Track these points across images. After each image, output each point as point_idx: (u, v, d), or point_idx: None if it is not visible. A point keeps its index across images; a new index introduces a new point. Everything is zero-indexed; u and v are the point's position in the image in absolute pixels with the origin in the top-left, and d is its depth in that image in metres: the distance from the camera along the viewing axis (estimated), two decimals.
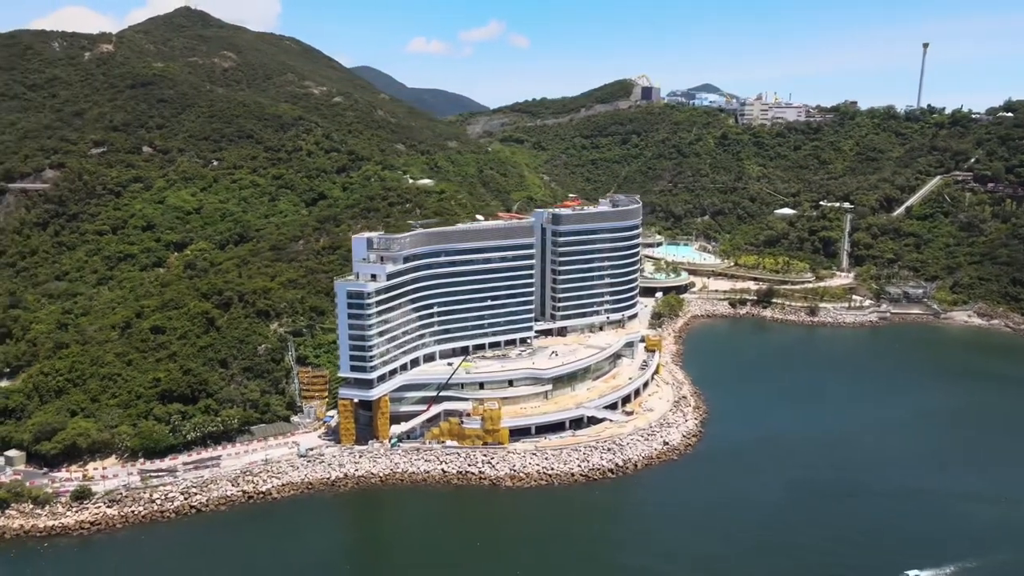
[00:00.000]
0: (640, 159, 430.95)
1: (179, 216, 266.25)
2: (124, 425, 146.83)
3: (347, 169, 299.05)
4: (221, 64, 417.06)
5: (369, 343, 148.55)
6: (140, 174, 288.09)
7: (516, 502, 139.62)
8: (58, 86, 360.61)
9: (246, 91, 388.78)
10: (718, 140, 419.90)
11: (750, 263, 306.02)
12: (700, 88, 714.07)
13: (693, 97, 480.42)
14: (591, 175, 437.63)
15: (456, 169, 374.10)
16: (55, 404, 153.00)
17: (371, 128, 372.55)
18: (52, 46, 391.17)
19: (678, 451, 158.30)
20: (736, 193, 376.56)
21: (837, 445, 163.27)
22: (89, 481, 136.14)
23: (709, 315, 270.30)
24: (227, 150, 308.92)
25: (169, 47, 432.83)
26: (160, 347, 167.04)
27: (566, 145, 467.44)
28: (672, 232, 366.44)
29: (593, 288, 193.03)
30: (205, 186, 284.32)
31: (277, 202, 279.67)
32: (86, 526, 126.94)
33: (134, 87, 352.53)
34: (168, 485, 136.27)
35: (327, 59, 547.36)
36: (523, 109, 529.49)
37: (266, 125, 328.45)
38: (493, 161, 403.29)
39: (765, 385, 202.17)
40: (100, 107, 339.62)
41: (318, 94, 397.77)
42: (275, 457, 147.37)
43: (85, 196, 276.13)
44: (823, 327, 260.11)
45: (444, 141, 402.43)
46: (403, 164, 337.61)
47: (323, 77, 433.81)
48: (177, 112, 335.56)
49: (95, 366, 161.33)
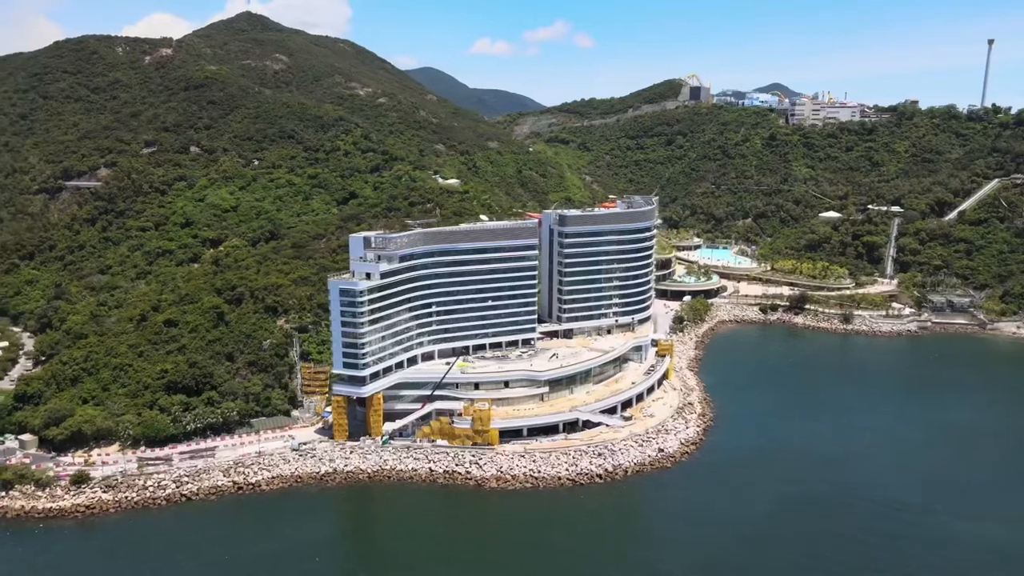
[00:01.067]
0: (684, 160, 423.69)
1: (216, 214, 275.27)
2: (129, 414, 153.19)
3: (380, 169, 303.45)
4: (272, 67, 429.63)
5: (361, 341, 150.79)
6: (185, 173, 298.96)
7: (497, 503, 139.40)
8: (119, 89, 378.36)
9: (294, 92, 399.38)
10: (765, 141, 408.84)
11: (787, 268, 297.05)
12: (769, 88, 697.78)
13: (743, 97, 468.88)
14: (634, 176, 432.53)
15: (495, 169, 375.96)
16: (70, 392, 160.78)
17: (412, 128, 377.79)
18: (116, 51, 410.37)
19: (673, 459, 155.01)
20: (780, 195, 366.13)
21: (844, 460, 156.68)
22: (90, 467, 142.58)
23: (737, 320, 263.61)
24: (268, 150, 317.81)
25: (225, 50, 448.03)
26: (171, 340, 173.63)
27: (611, 146, 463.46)
28: (712, 235, 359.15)
29: (600, 290, 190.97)
30: (244, 184, 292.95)
31: (310, 201, 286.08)
32: (81, 509, 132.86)
33: (187, 89, 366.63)
34: (163, 473, 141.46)
35: (380, 61, 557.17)
36: (571, 110, 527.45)
37: (307, 125, 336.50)
38: (533, 161, 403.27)
39: (782, 395, 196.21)
40: (155, 108, 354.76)
41: (363, 95, 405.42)
42: (269, 450, 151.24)
43: (132, 194, 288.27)
44: (857, 336, 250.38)
45: (485, 141, 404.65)
46: (440, 164, 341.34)
47: (370, 79, 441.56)
48: (225, 113, 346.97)
49: (109, 356, 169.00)
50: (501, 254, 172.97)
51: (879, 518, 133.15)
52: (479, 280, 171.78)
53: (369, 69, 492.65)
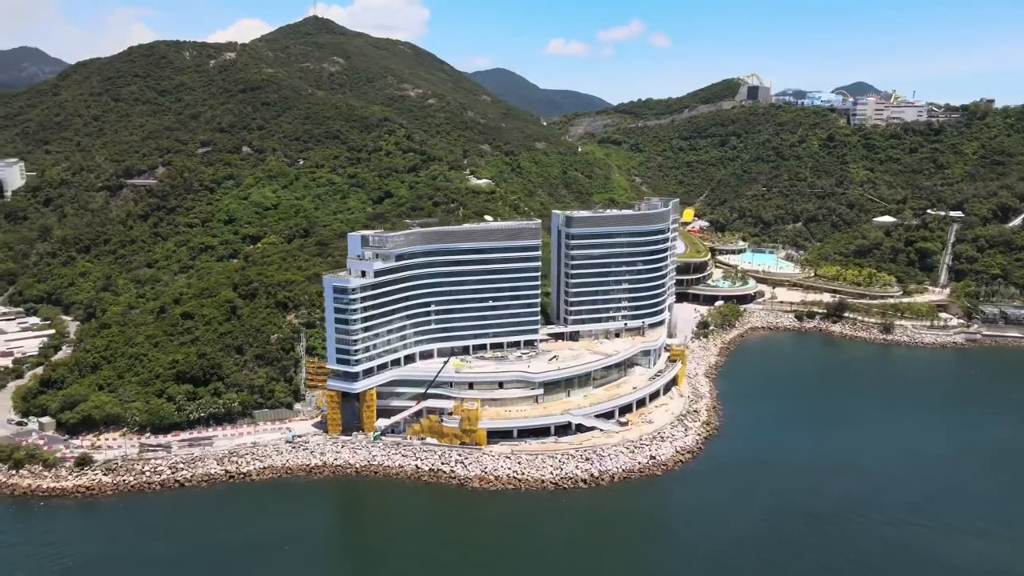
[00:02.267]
0: (737, 162, 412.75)
1: (257, 211, 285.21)
2: (139, 401, 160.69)
3: (417, 169, 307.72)
4: (329, 69, 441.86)
5: (353, 338, 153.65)
6: (233, 172, 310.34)
7: (475, 504, 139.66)
8: (184, 92, 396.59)
9: (347, 94, 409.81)
10: (823, 142, 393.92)
11: (830, 274, 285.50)
12: (853, 86, 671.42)
13: (804, 96, 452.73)
14: (684, 178, 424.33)
15: (539, 170, 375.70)
16: (89, 379, 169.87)
17: (459, 129, 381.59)
18: (184, 55, 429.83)
19: (665, 467, 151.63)
20: (833, 199, 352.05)
21: (848, 473, 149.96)
22: (96, 450, 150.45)
23: (771, 328, 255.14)
24: (313, 149, 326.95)
25: (286, 53, 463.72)
26: (186, 332, 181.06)
27: (663, 147, 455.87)
28: (759, 239, 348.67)
29: (608, 293, 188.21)
30: (287, 183, 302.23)
31: (348, 200, 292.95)
32: (82, 490, 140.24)
33: (244, 91, 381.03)
34: (160, 459, 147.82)
35: (439, 63, 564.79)
36: (627, 110, 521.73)
37: (353, 126, 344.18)
38: (579, 162, 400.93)
39: (800, 405, 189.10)
40: (213, 110, 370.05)
41: (413, 96, 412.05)
42: (264, 441, 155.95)
43: (184, 191, 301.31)
44: (897, 347, 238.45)
45: (532, 142, 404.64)
46: (480, 165, 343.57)
47: (423, 80, 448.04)
48: (277, 114, 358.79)
49: (127, 346, 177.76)
50: (501, 255, 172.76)
51: (864, 533, 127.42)
52: (478, 280, 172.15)
53: (426, 71, 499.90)
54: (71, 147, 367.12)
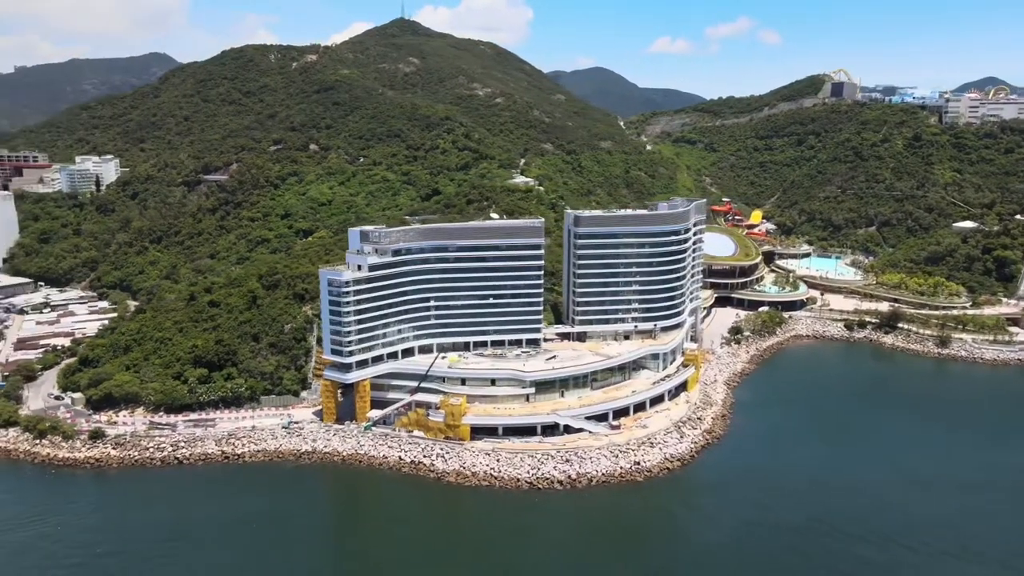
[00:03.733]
0: (813, 162, 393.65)
1: (313, 207, 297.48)
2: (156, 382, 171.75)
3: (468, 167, 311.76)
4: (404, 69, 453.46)
5: (346, 329, 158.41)
6: (298, 169, 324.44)
7: (446, 497, 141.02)
8: (266, 92, 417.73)
9: (418, 93, 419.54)
10: (908, 141, 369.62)
11: (893, 281, 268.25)
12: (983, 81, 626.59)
13: (893, 93, 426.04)
14: (756, 178, 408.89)
15: (600, 169, 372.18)
16: (120, 359, 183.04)
17: (522, 128, 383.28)
18: (269, 58, 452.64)
19: (649, 473, 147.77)
20: (912, 202, 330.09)
21: (846, 494, 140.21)
22: (111, 425, 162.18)
23: (816, 336, 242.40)
24: (374, 147, 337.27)
25: (366, 55, 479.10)
26: (210, 319, 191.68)
27: (737, 146, 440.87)
28: (826, 243, 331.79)
29: (617, 294, 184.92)
30: (344, 180, 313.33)
31: (398, 196, 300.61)
32: (91, 461, 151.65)
33: (318, 91, 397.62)
34: (164, 437, 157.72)
35: (519, 63, 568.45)
36: (706, 109, 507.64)
37: (414, 125, 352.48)
38: (644, 162, 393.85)
39: (820, 419, 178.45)
40: (288, 109, 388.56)
41: (482, 95, 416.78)
42: (262, 425, 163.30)
43: (251, 187, 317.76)
44: (953, 362, 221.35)
45: (598, 141, 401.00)
46: (539, 163, 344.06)
47: (495, 80, 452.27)
48: (346, 114, 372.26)
49: (155, 330, 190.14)
50: (501, 252, 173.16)
51: (840, 551, 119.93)
52: (478, 278, 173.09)
53: (502, 71, 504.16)
54: (162, 145, 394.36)
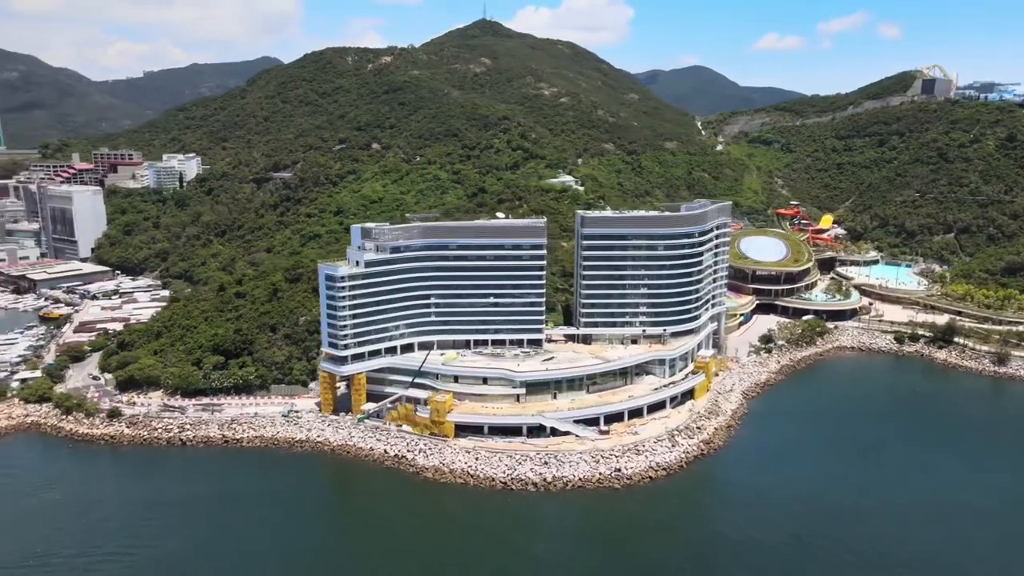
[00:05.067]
0: (893, 164, 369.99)
1: (364, 204, 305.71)
2: (176, 367, 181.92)
3: (518, 166, 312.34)
4: (474, 69, 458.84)
5: (341, 323, 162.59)
6: (356, 167, 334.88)
7: (416, 491, 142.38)
8: (340, 94, 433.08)
9: (485, 93, 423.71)
10: (1001, 142, 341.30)
11: (958, 292, 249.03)
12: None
13: (990, 89, 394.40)
14: (832, 181, 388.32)
15: (662, 170, 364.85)
16: (151, 344, 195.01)
17: (585, 127, 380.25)
18: (347, 60, 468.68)
19: (628, 481, 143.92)
20: (996, 207, 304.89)
21: (839, 520, 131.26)
22: (131, 406, 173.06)
23: (862, 348, 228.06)
24: (431, 147, 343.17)
25: (440, 56, 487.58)
26: (234, 309, 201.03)
27: (815, 147, 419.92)
28: (898, 250, 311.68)
29: (624, 297, 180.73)
30: (398, 178, 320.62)
31: (446, 194, 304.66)
32: (106, 438, 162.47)
33: (387, 92, 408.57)
34: (173, 420, 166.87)
35: (597, 61, 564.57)
36: (787, 108, 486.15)
37: (473, 124, 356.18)
38: (709, 163, 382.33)
39: (839, 436, 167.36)
40: (357, 110, 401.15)
41: (548, 95, 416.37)
42: (265, 413, 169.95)
43: (312, 184, 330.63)
44: (1011, 381, 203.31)
45: (663, 141, 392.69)
46: (595, 163, 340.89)
47: (564, 79, 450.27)
48: (409, 113, 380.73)
49: (184, 318, 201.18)
50: (501, 252, 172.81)
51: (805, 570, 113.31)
52: (479, 276, 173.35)
53: (575, 70, 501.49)
54: (241, 144, 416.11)
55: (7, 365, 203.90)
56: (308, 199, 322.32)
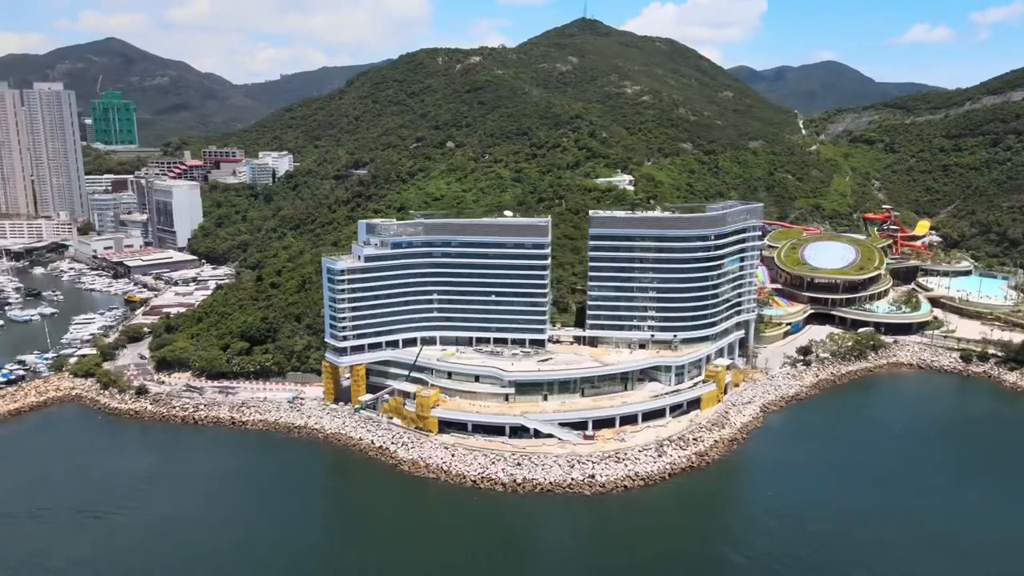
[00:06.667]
0: (1006, 166, 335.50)
1: (426, 201, 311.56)
2: (204, 351, 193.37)
3: (579, 164, 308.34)
4: (560, 68, 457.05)
5: (340, 315, 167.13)
6: (427, 165, 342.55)
7: (385, 483, 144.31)
8: (427, 94, 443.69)
9: (568, 92, 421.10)
10: None
11: None
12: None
13: None
14: (934, 183, 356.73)
15: (740, 170, 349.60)
16: (192, 328, 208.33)
17: (663, 127, 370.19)
18: (437, 61, 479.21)
19: (601, 488, 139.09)
20: None
21: (824, 548, 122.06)
22: (160, 384, 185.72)
23: (921, 366, 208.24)
24: (500, 146, 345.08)
25: (529, 55, 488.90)
26: (267, 298, 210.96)
27: (921, 146, 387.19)
28: (996, 260, 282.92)
29: (633, 300, 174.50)
30: (462, 176, 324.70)
31: (505, 193, 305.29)
32: (131, 413, 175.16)
33: (469, 91, 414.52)
34: (189, 400, 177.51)
35: (696, 59, 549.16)
36: (897, 105, 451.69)
37: (544, 123, 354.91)
38: (795, 164, 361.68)
39: (859, 463, 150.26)
40: (439, 109, 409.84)
41: (630, 93, 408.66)
42: (273, 398, 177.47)
43: (384, 181, 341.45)
44: None
45: (746, 141, 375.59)
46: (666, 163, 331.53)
47: (650, 77, 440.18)
48: (487, 112, 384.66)
49: (222, 305, 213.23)
50: (503, 250, 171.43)
51: None
52: (481, 274, 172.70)
53: (668, 67, 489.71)
54: (331, 142, 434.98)
55: (78, 342, 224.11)
56: (378, 195, 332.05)
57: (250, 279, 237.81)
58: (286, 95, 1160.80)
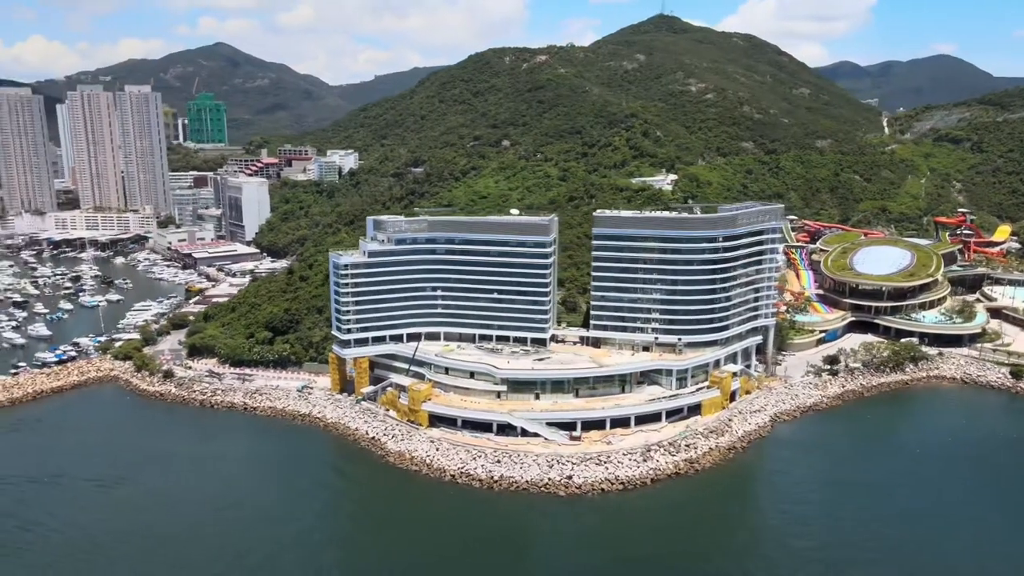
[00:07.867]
0: None
1: (473, 199, 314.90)
2: (231, 340, 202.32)
3: (625, 164, 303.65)
4: (626, 66, 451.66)
5: (343, 308, 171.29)
6: (481, 163, 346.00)
7: (367, 473, 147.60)
8: (491, 93, 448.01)
9: (631, 90, 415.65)
10: None
11: None
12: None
13: None
14: (1019, 186, 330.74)
15: (803, 171, 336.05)
16: (226, 317, 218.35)
17: (724, 125, 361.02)
18: (504, 60, 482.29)
19: (577, 490, 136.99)
20: None
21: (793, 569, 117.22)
22: (187, 369, 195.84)
23: (967, 381, 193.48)
24: (552, 144, 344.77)
25: (596, 53, 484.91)
26: (294, 291, 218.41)
27: (1012, 146, 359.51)
28: None
29: (636, 302, 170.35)
30: (511, 175, 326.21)
31: (551, 191, 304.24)
32: (157, 394, 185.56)
33: (530, 90, 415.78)
34: (210, 385, 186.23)
35: (777, 54, 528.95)
36: (992, 100, 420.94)
37: (598, 122, 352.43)
38: (864, 164, 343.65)
39: (866, 483, 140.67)
40: (499, 108, 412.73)
41: (694, 91, 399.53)
42: (284, 387, 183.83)
43: (437, 179, 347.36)
44: None
45: (812, 140, 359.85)
46: (723, 163, 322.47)
47: (720, 74, 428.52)
48: (544, 111, 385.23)
49: (253, 296, 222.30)
50: (506, 248, 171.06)
51: None
52: (483, 272, 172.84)
53: (742, 64, 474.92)
54: (397, 141, 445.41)
55: (131, 327, 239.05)
56: (431, 193, 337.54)
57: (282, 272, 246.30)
58: (375, 95, 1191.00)
